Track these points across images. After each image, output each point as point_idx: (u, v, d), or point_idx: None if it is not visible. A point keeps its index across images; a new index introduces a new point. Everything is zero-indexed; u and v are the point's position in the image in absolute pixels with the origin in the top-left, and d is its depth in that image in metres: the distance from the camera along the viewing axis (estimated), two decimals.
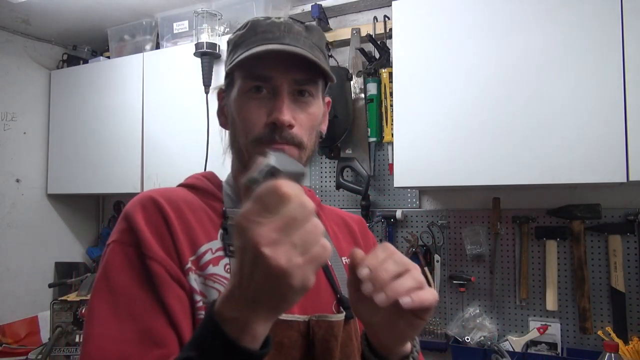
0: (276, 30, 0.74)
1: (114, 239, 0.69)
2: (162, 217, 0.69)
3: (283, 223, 0.46)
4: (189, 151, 2.05)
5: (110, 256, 0.68)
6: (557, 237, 1.72)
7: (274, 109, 0.71)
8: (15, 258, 2.40)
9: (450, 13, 1.61)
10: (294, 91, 0.73)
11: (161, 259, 0.66)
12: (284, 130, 0.71)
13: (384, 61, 1.97)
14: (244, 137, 0.74)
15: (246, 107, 0.73)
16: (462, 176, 1.56)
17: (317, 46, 0.77)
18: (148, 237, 0.67)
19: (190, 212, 0.72)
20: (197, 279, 0.68)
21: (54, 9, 2.17)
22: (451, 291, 1.91)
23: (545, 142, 1.45)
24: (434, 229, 1.93)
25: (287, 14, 2.17)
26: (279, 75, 0.72)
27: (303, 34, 0.75)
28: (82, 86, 2.40)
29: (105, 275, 0.66)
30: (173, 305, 0.64)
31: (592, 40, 1.42)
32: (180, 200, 0.73)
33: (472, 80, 1.56)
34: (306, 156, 0.77)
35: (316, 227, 0.48)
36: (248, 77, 0.73)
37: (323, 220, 0.88)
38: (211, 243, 0.72)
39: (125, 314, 0.63)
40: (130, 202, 0.73)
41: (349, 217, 0.95)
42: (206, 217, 0.74)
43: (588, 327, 1.64)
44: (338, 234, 0.88)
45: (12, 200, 2.40)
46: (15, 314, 2.30)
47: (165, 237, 0.68)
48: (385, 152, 2.02)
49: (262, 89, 0.73)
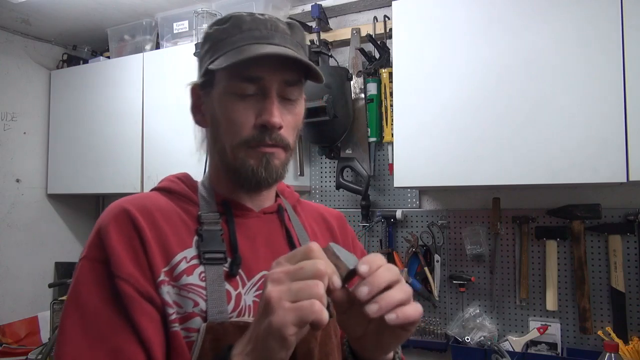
0: (262, 28, 0.72)
1: (85, 254, 0.69)
2: (134, 229, 0.68)
3: (293, 269, 0.54)
4: (189, 151, 2.04)
5: (80, 273, 0.68)
6: (557, 237, 1.72)
7: (264, 111, 0.70)
8: (15, 258, 2.40)
9: (451, 13, 1.61)
10: (282, 92, 0.72)
11: (130, 277, 0.65)
12: (274, 132, 0.71)
13: (384, 61, 1.97)
14: (230, 138, 0.73)
15: (233, 108, 0.72)
16: (462, 176, 1.56)
17: (301, 45, 0.76)
18: (118, 253, 0.66)
19: (164, 221, 0.71)
20: (171, 290, 0.67)
21: (54, 9, 2.17)
22: (451, 291, 1.91)
23: (545, 142, 1.45)
24: (434, 229, 1.93)
25: (287, 14, 2.17)
26: (269, 76, 0.70)
27: (288, 33, 0.74)
28: (82, 86, 2.40)
29: (75, 293, 0.66)
30: (143, 324, 0.63)
31: (592, 40, 1.42)
32: (154, 208, 0.72)
33: (472, 81, 1.56)
34: (291, 155, 0.78)
35: (317, 286, 0.52)
36: (236, 77, 0.71)
37: (301, 216, 0.87)
38: (186, 251, 0.70)
39: (95, 333, 0.63)
40: (103, 213, 0.72)
41: (327, 213, 0.94)
42: (181, 223, 0.73)
43: (588, 327, 1.64)
44: (317, 232, 0.87)
45: (12, 200, 2.40)
46: (15, 314, 2.30)
47: (137, 251, 0.67)
48: (385, 152, 2.03)
49: (250, 90, 0.71)
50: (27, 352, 2.07)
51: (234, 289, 0.71)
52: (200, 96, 0.79)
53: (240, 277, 0.72)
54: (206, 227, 0.73)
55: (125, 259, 0.66)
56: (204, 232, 0.72)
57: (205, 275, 0.69)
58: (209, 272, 0.69)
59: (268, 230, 0.79)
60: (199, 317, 0.67)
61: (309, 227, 0.86)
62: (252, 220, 0.78)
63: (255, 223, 0.78)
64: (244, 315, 0.70)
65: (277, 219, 0.82)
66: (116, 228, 0.68)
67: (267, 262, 0.75)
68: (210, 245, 0.71)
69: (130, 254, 0.66)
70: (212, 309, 0.67)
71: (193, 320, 0.67)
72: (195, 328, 0.66)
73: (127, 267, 0.65)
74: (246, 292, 0.72)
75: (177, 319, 0.66)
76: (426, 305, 1.94)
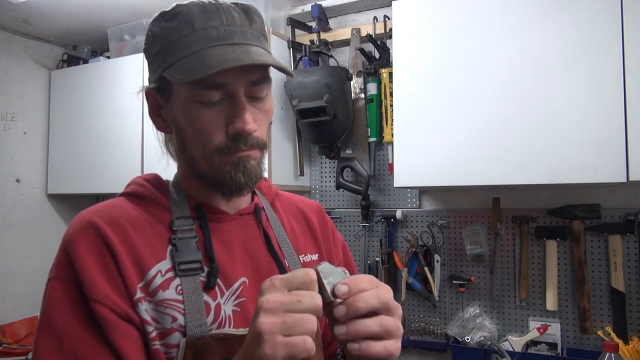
0: (218, 25, 0.66)
1: (54, 274, 0.65)
2: (104, 245, 0.64)
3: (289, 301, 0.51)
4: None
5: (51, 295, 0.63)
6: (557, 237, 1.72)
7: (235, 118, 0.66)
8: (15, 258, 2.39)
9: (450, 13, 1.61)
10: (250, 93, 0.68)
11: (105, 299, 0.61)
12: (248, 138, 0.67)
13: (384, 61, 1.97)
14: (200, 148, 0.68)
15: (200, 118, 0.67)
16: (462, 176, 1.56)
17: (262, 34, 0.71)
18: (90, 273, 0.62)
19: (135, 232, 0.67)
20: (148, 307, 0.64)
21: (54, 9, 2.17)
22: (451, 291, 1.91)
23: (545, 142, 1.45)
24: (434, 229, 1.93)
25: (287, 14, 2.17)
26: (234, 80, 0.65)
27: (247, 24, 0.68)
28: (82, 86, 2.40)
29: (47, 317, 0.62)
30: (124, 347, 0.61)
31: (592, 40, 1.42)
32: (124, 220, 0.68)
33: (472, 80, 1.56)
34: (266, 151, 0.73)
35: (311, 322, 0.51)
36: (198, 85, 0.65)
37: (280, 213, 0.84)
38: (160, 264, 0.67)
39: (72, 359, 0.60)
40: (69, 227, 0.67)
41: (306, 207, 0.90)
42: (153, 232, 0.69)
43: (588, 327, 1.64)
44: (296, 230, 0.85)
45: (12, 200, 2.40)
46: (15, 314, 2.30)
47: (110, 268, 0.63)
48: (385, 152, 2.02)
49: (216, 96, 0.66)
50: (27, 352, 2.07)
51: (212, 300, 0.68)
52: (157, 100, 0.73)
53: (219, 287, 0.70)
54: (180, 235, 0.69)
55: (98, 278, 0.62)
56: (178, 241, 0.69)
57: (182, 287, 0.66)
58: (185, 284, 0.66)
59: (245, 233, 0.76)
60: (178, 332, 0.65)
61: (287, 225, 0.84)
62: (228, 223, 0.75)
63: (231, 226, 0.75)
64: (224, 327, 0.68)
65: (254, 220, 0.79)
66: (84, 245, 0.64)
67: (245, 267, 0.73)
68: (185, 254, 0.68)
69: (102, 272, 0.63)
70: (190, 322, 0.65)
71: (172, 335, 0.64)
72: (174, 344, 0.64)
73: (101, 288, 0.62)
74: (225, 301, 0.70)
75: (156, 336, 0.64)
76: (426, 305, 1.95)
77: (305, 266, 0.80)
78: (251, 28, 0.69)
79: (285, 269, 0.76)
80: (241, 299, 0.71)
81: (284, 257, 0.78)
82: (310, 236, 0.87)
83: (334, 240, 0.91)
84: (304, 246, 0.84)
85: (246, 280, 0.73)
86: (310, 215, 0.89)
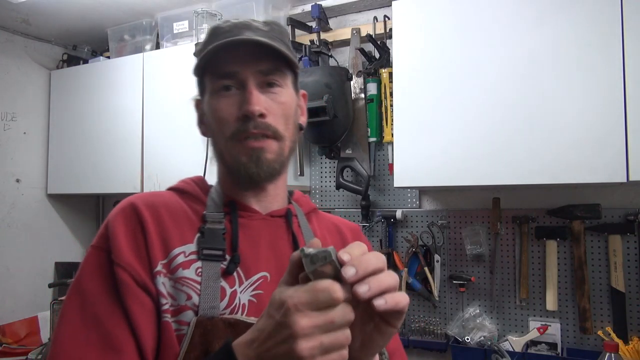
0: (235, 29, 0.74)
1: (93, 243, 0.72)
2: (138, 221, 0.71)
3: (324, 323, 0.50)
4: (189, 151, 2.05)
5: (85, 260, 0.71)
6: (557, 237, 1.72)
7: (243, 102, 0.72)
8: (15, 258, 2.40)
9: (450, 13, 1.61)
10: (262, 83, 0.74)
11: (128, 265, 0.67)
12: (256, 119, 0.72)
13: (384, 61, 1.97)
14: (221, 136, 0.75)
15: (218, 106, 0.74)
16: (462, 176, 1.56)
17: (279, 38, 0.76)
18: (120, 243, 0.69)
19: (168, 216, 0.73)
20: (167, 282, 0.69)
21: (54, 9, 2.17)
22: (451, 291, 1.91)
23: (545, 142, 1.45)
24: (434, 229, 1.93)
25: (287, 14, 2.17)
26: (243, 68, 0.73)
27: (262, 28, 0.76)
28: (82, 86, 2.40)
29: (78, 278, 0.70)
30: (135, 311, 0.65)
31: (592, 40, 1.42)
32: (160, 204, 0.75)
33: (472, 80, 1.56)
34: (287, 147, 0.77)
35: (346, 338, 0.51)
36: (214, 77, 0.75)
37: (313, 223, 0.87)
38: (185, 246, 0.72)
39: (90, 316, 0.66)
40: (114, 207, 0.75)
41: (343, 225, 0.93)
42: (185, 220, 0.75)
43: (588, 327, 1.64)
44: (328, 241, 0.87)
45: (12, 200, 2.40)
46: (15, 314, 2.30)
47: (139, 241, 0.70)
48: (385, 152, 2.02)
49: (231, 87, 0.74)
50: (27, 352, 2.07)
51: (229, 287, 0.71)
52: (202, 109, 0.81)
53: (238, 275, 0.73)
54: (209, 225, 0.74)
55: (125, 248, 0.68)
56: (206, 230, 0.74)
57: (202, 270, 0.70)
58: (205, 268, 0.71)
59: (273, 233, 0.80)
60: (191, 310, 0.68)
61: (320, 235, 0.86)
62: (257, 222, 0.79)
63: (260, 225, 0.79)
64: (236, 313, 0.70)
65: (284, 223, 0.82)
66: (122, 220, 0.71)
67: (268, 263, 0.76)
68: (211, 242, 0.73)
69: (131, 244, 0.69)
70: (204, 303, 0.68)
71: (185, 313, 0.68)
72: (186, 321, 0.68)
73: (126, 256, 0.68)
74: (242, 290, 0.72)
75: (169, 310, 0.68)
76: (426, 305, 1.94)
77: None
78: (267, 32, 0.75)
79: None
80: (259, 291, 0.73)
81: None
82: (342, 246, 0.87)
83: None
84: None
85: (267, 276, 0.75)
86: (345, 231, 0.91)
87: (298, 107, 0.81)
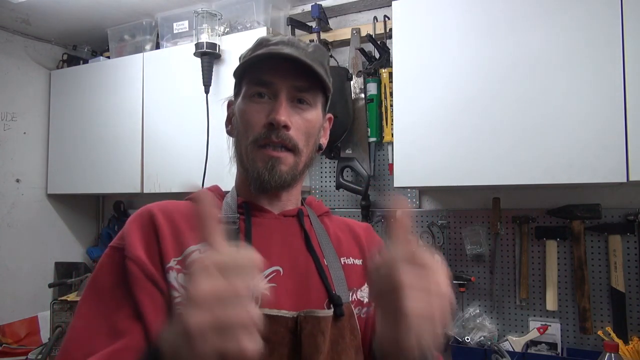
0: (281, 44, 0.79)
1: (111, 243, 0.77)
2: (152, 225, 0.75)
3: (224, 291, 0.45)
4: (189, 151, 2.05)
5: (102, 258, 0.76)
6: (557, 237, 1.72)
7: (272, 111, 0.76)
8: (15, 258, 2.39)
9: (451, 13, 1.61)
10: (294, 97, 0.78)
11: (137, 259, 0.71)
12: (280, 130, 0.76)
13: (384, 61, 1.97)
14: (245, 139, 0.79)
15: (248, 110, 0.79)
16: (462, 176, 1.56)
17: (319, 61, 0.80)
18: (133, 240, 0.73)
19: (182, 220, 0.77)
20: (181, 277, 0.72)
21: (54, 9, 2.17)
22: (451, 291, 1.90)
23: (545, 142, 1.45)
24: (434, 229, 1.93)
25: (287, 14, 2.17)
26: (279, 80, 0.77)
27: (306, 49, 0.80)
28: (82, 86, 2.40)
29: (94, 273, 0.75)
30: (142, 300, 0.69)
31: (592, 39, 1.42)
32: (176, 211, 0.79)
33: (472, 80, 1.56)
34: (303, 163, 0.80)
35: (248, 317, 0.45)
36: (252, 83, 0.79)
37: (326, 223, 0.90)
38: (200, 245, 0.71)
39: (102, 308, 0.70)
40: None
41: (355, 224, 0.95)
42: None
43: (588, 327, 1.64)
44: (341, 237, 0.89)
45: (12, 200, 2.40)
46: (15, 314, 2.30)
47: (151, 241, 0.74)
48: (385, 152, 2.02)
49: (265, 95, 0.78)
50: (27, 352, 2.07)
51: None
52: (233, 110, 0.86)
53: None
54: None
55: (137, 245, 0.73)
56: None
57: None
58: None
59: (285, 231, 0.82)
60: None
61: (332, 233, 0.88)
62: (270, 221, 0.82)
63: (273, 223, 0.82)
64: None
65: (297, 222, 0.85)
66: (137, 222, 0.76)
67: (281, 258, 0.79)
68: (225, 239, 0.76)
69: (143, 242, 0.73)
70: None
71: None
72: None
73: (136, 251, 0.72)
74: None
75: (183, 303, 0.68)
76: None
77: (345, 269, 0.83)
78: (311, 54, 0.79)
79: (322, 266, 0.80)
80: (271, 284, 0.76)
81: (323, 257, 0.82)
82: (355, 245, 0.90)
83: None
84: (348, 251, 0.87)
85: (280, 270, 0.77)
86: (357, 229, 0.93)
87: (322, 128, 0.86)
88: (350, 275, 0.83)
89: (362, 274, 0.85)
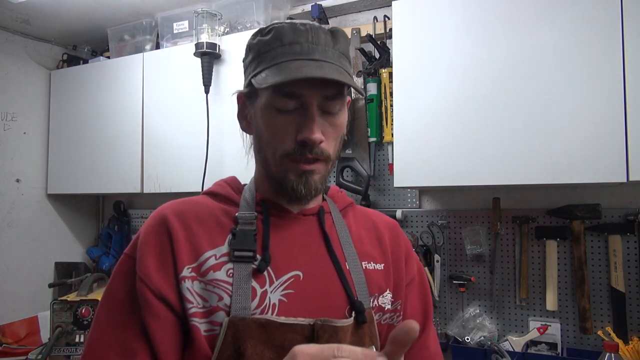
0: (303, 41, 0.74)
1: (125, 251, 0.77)
2: (166, 230, 0.74)
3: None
4: (189, 151, 2.05)
5: (117, 266, 0.77)
6: (557, 237, 1.72)
7: (304, 127, 0.72)
8: (15, 258, 2.39)
9: (450, 13, 1.61)
10: (323, 106, 0.74)
11: (145, 276, 0.71)
12: (315, 147, 0.73)
13: (384, 61, 1.97)
14: (272, 151, 0.76)
15: (275, 122, 0.74)
16: (462, 176, 1.56)
17: (344, 54, 0.78)
18: (144, 253, 0.73)
19: (197, 223, 0.76)
20: (197, 285, 0.71)
21: (54, 9, 2.17)
22: (451, 291, 1.91)
23: (545, 142, 1.45)
24: (434, 229, 1.93)
25: (287, 14, 2.17)
26: (309, 92, 0.73)
27: (330, 44, 0.75)
28: (82, 86, 2.40)
29: (110, 283, 0.76)
30: (150, 324, 0.70)
31: (592, 39, 1.42)
32: (190, 213, 0.77)
33: (472, 80, 1.56)
34: (332, 165, 0.80)
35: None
36: (278, 93, 0.73)
37: (349, 219, 0.88)
38: (216, 249, 0.74)
39: (114, 322, 0.72)
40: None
41: (379, 220, 0.93)
42: (216, 224, 0.77)
43: (588, 327, 1.64)
44: (364, 238, 0.87)
45: (12, 200, 2.40)
46: (15, 314, 2.30)
47: (164, 249, 0.73)
48: (385, 152, 2.02)
49: (291, 105, 0.73)
50: (27, 352, 2.07)
51: (260, 287, 0.73)
52: (245, 104, 0.82)
53: (268, 275, 0.74)
54: (240, 227, 0.76)
55: (148, 260, 0.72)
56: (238, 231, 0.76)
57: (233, 272, 0.72)
58: (237, 269, 0.73)
59: (305, 232, 0.81)
60: (222, 311, 0.70)
61: (355, 232, 0.86)
62: (290, 221, 0.81)
63: (292, 224, 0.81)
64: (266, 313, 0.72)
65: (317, 221, 0.83)
66: (151, 229, 0.75)
67: (300, 262, 0.77)
68: (242, 244, 0.75)
69: (155, 255, 0.73)
70: (235, 304, 0.70)
71: (217, 314, 0.70)
72: (219, 322, 0.70)
73: (147, 269, 0.71)
74: (273, 290, 0.73)
75: (197, 313, 0.70)
76: None
77: (366, 273, 0.81)
78: (334, 47, 0.76)
79: (343, 270, 0.79)
80: (289, 290, 0.74)
81: (345, 260, 0.80)
82: (378, 247, 0.87)
83: (407, 259, 0.91)
84: (370, 254, 0.85)
85: (300, 275, 0.76)
86: (381, 228, 0.91)
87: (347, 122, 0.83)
88: (371, 281, 0.81)
89: (383, 279, 0.83)
